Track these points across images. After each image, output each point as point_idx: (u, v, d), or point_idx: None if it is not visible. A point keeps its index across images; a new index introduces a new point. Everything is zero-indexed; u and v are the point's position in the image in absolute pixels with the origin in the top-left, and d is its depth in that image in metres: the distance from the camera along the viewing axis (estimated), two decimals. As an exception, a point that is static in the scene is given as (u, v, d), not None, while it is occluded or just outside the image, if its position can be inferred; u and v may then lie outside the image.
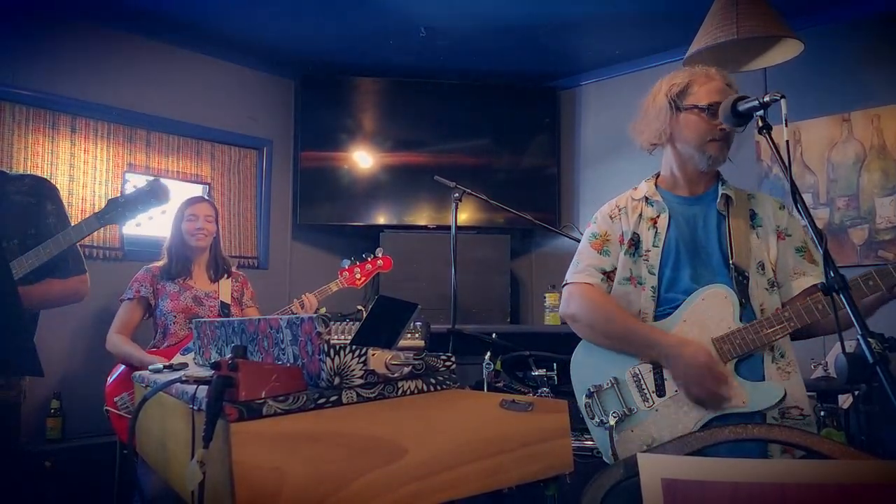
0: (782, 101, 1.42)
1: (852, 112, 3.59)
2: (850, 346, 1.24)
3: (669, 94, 1.82)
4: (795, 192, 1.38)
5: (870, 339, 1.14)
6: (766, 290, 1.76)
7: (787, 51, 3.01)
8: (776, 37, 2.89)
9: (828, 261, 1.26)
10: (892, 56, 3.50)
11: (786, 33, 2.86)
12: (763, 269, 1.77)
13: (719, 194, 1.83)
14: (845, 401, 2.87)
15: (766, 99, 1.48)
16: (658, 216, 1.84)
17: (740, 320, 1.70)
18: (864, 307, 1.61)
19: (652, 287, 1.79)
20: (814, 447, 1.09)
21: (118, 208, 2.23)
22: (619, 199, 1.94)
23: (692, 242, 1.80)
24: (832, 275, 1.25)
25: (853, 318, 1.19)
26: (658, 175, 1.94)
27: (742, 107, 1.56)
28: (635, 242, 1.84)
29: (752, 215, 1.84)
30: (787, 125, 1.36)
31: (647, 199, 1.88)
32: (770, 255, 1.79)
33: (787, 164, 1.38)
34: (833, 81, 3.65)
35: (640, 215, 1.86)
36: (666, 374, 1.73)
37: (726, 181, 1.88)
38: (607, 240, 1.88)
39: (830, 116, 3.65)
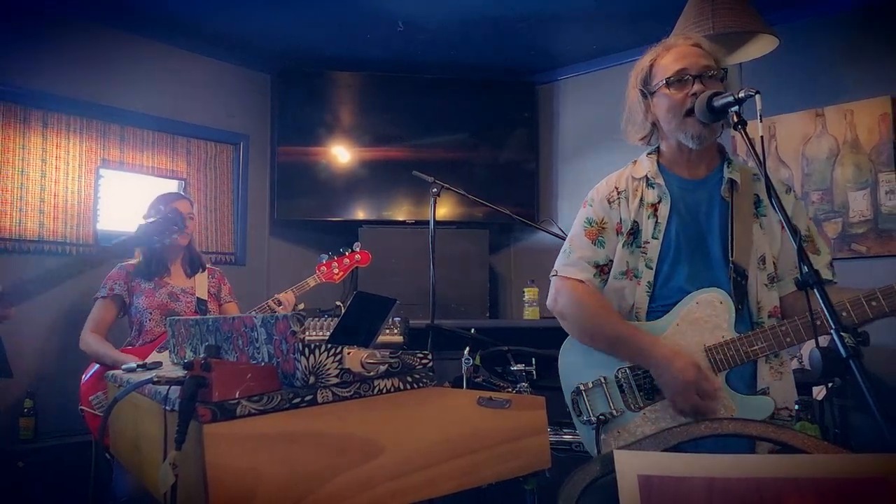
0: (757, 96, 1.41)
1: (826, 107, 3.63)
2: (825, 339, 1.25)
3: (637, 84, 1.77)
4: (770, 187, 1.39)
5: (843, 334, 1.15)
6: (766, 285, 1.70)
7: (762, 46, 3.03)
8: (752, 32, 2.91)
9: (802, 256, 1.27)
10: (865, 52, 3.54)
11: (761, 29, 2.88)
12: (764, 263, 1.70)
13: (724, 178, 1.74)
14: (819, 393, 2.91)
15: (741, 95, 1.48)
16: (659, 202, 1.74)
17: (735, 326, 1.66)
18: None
19: (648, 282, 1.72)
20: (789, 442, 1.10)
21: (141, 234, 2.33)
22: (619, 178, 1.83)
23: (693, 235, 1.73)
24: (806, 270, 1.25)
25: (827, 314, 1.20)
26: (659, 149, 1.83)
27: (717, 102, 1.56)
28: (634, 232, 1.75)
29: (757, 201, 1.75)
30: (761, 121, 1.36)
31: (647, 179, 1.78)
32: (773, 248, 1.73)
33: (762, 159, 1.39)
34: (807, 77, 3.69)
35: (641, 200, 1.76)
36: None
37: (732, 160, 1.78)
38: (603, 228, 1.79)
39: (805, 111, 3.69)
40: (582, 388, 1.75)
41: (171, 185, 4.10)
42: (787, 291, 1.73)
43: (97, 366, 2.87)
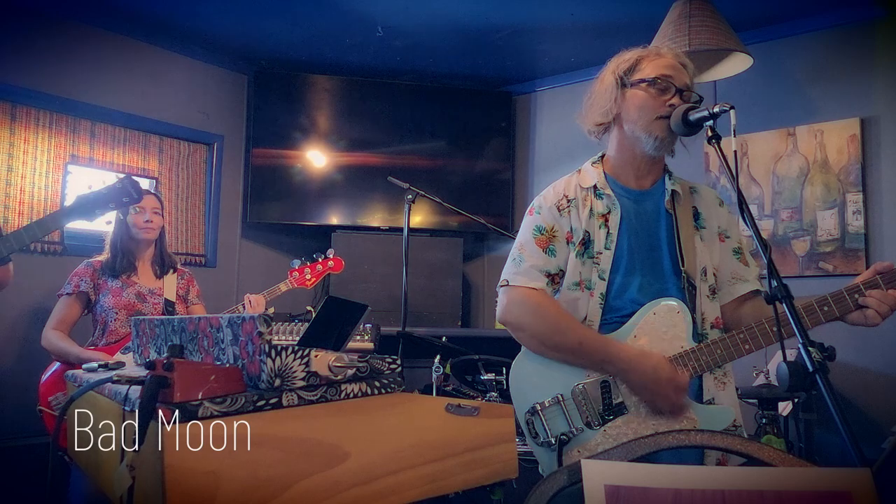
0: (731, 112, 1.43)
1: (797, 127, 3.69)
2: (791, 354, 1.26)
3: (617, 71, 1.75)
4: (742, 202, 1.40)
5: (810, 349, 1.16)
6: (708, 297, 1.72)
7: (736, 65, 3.08)
8: (726, 50, 2.96)
9: (772, 270, 1.28)
10: (835, 74, 3.62)
11: (736, 47, 2.92)
12: (706, 275, 1.73)
13: (667, 190, 1.76)
14: (785, 408, 2.94)
15: (716, 110, 1.48)
16: (609, 213, 1.73)
17: (692, 336, 1.66)
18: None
19: (601, 294, 1.70)
20: (754, 454, 1.10)
21: (87, 204, 2.06)
22: (567, 186, 1.79)
23: (645, 245, 1.73)
24: (775, 284, 1.26)
25: (794, 328, 1.21)
26: (603, 156, 1.83)
27: (693, 116, 1.57)
28: (585, 242, 1.72)
29: (696, 214, 1.78)
30: (735, 136, 1.37)
31: (596, 189, 1.76)
32: (713, 260, 1.75)
33: (734, 174, 1.40)
34: (779, 96, 3.75)
35: (591, 210, 1.74)
36: (615, 394, 1.65)
37: (673, 173, 1.81)
38: (553, 236, 1.74)
39: (776, 130, 3.75)
40: (538, 407, 1.69)
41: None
42: (726, 301, 1.77)
43: (57, 365, 2.81)
